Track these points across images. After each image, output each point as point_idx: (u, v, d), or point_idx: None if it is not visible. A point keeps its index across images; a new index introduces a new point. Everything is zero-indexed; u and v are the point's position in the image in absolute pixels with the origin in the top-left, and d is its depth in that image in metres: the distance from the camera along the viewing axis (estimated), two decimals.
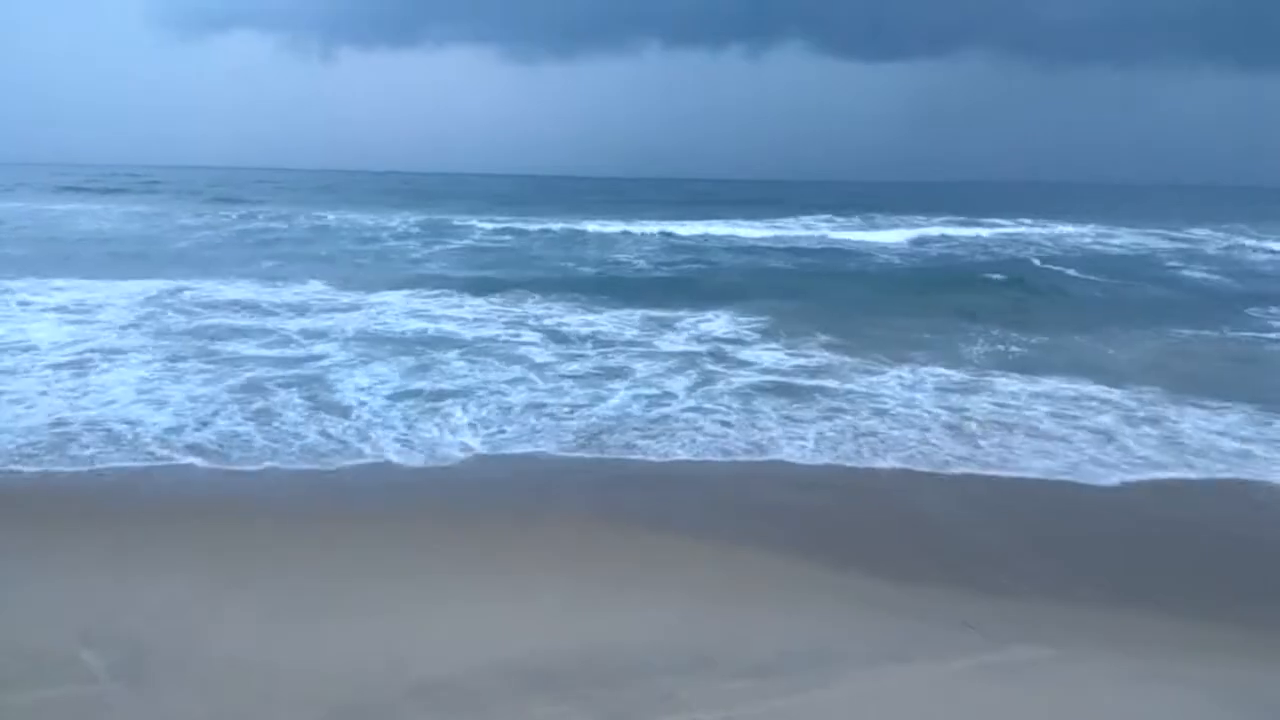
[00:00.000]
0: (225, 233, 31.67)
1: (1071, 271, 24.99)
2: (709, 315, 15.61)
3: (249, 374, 10.57)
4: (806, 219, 44.38)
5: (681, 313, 15.76)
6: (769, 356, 12.44)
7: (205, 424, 8.68)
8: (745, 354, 12.60)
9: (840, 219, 44.76)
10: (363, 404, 9.53)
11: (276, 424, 8.75)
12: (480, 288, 18.27)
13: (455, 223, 37.17)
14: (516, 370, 11.22)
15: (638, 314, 15.60)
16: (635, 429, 8.93)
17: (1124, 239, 36.61)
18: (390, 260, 24.65)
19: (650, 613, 5.20)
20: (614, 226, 36.47)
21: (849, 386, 10.74)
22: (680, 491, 7.48)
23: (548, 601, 5.31)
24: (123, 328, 13.19)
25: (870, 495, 7.45)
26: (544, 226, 35.68)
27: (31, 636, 4.76)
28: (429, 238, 31.37)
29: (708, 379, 10.99)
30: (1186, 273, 25.86)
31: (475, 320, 14.88)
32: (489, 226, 35.84)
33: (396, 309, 15.73)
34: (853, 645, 4.88)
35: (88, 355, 11.31)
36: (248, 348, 12.08)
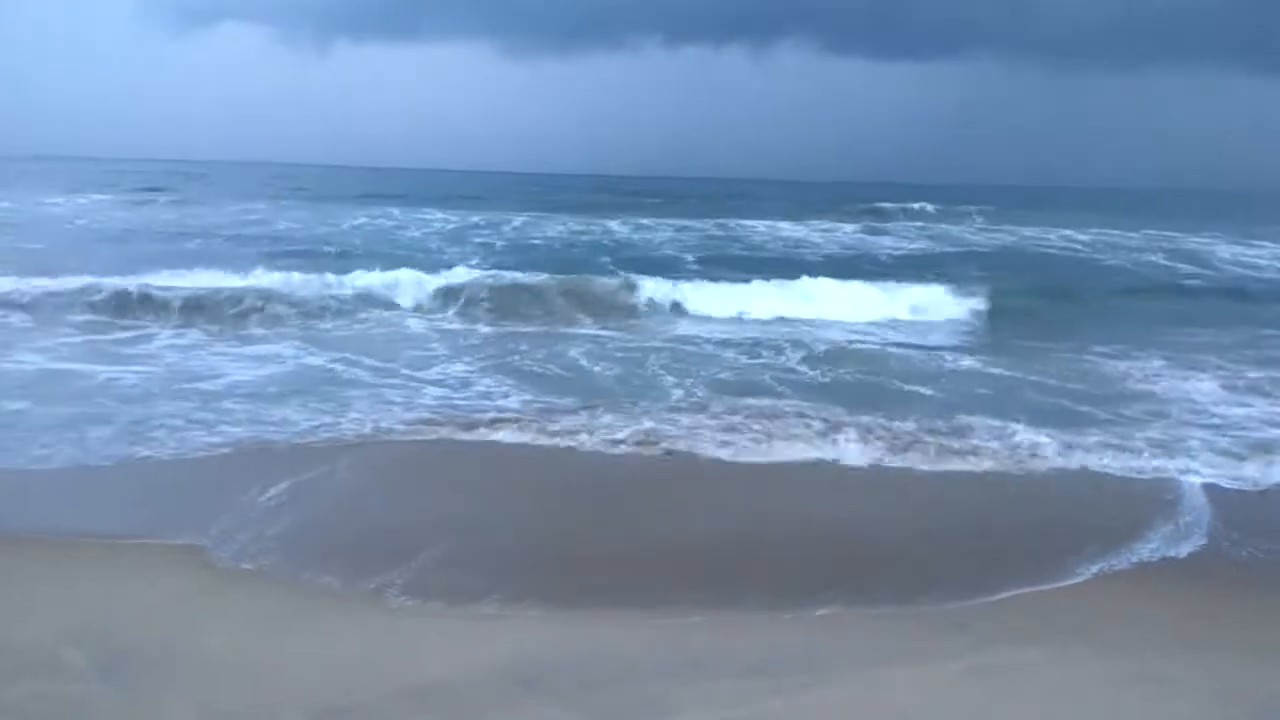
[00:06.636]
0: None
1: None
2: None
3: None
4: None
5: None
6: None
7: None
8: None
9: None
10: None
11: None
12: None
13: None
14: None
15: None
16: None
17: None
18: None
19: (639, 615, 5.18)
20: None
21: None
22: None
23: (537, 604, 5.28)
24: None
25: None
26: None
27: (13, 632, 4.70)
28: None
29: None
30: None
31: None
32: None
33: None
34: (842, 647, 4.86)
35: None
36: None
